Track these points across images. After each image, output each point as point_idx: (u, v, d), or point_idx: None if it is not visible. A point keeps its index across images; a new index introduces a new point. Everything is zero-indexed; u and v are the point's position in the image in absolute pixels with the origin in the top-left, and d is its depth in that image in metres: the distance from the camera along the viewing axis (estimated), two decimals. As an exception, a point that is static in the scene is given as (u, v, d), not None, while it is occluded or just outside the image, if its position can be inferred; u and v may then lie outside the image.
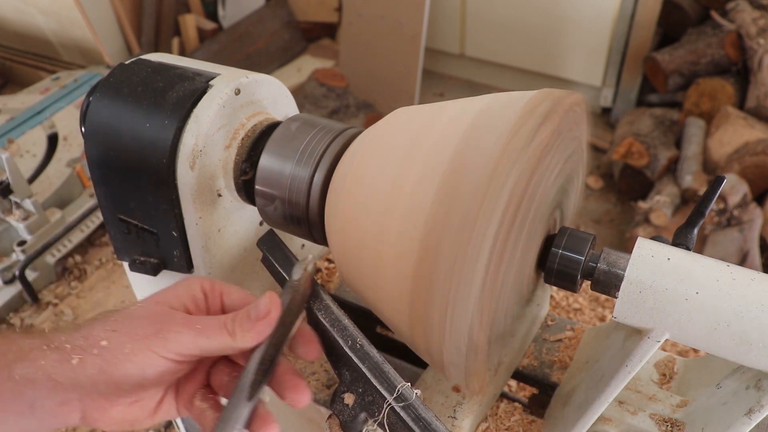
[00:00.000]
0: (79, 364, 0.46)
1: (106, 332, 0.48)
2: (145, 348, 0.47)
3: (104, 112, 0.61)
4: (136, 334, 0.47)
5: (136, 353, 0.47)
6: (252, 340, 0.49)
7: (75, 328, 0.49)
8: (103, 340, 0.47)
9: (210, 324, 0.49)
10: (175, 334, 0.48)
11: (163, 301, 0.51)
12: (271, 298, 0.50)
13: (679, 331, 0.46)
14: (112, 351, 0.47)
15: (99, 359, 0.46)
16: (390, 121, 0.56)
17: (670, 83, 2.52)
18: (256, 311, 0.50)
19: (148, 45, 3.00)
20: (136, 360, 0.47)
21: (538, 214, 0.50)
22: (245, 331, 0.49)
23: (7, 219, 1.88)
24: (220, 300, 0.54)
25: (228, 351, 0.50)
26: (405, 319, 0.52)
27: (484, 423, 0.67)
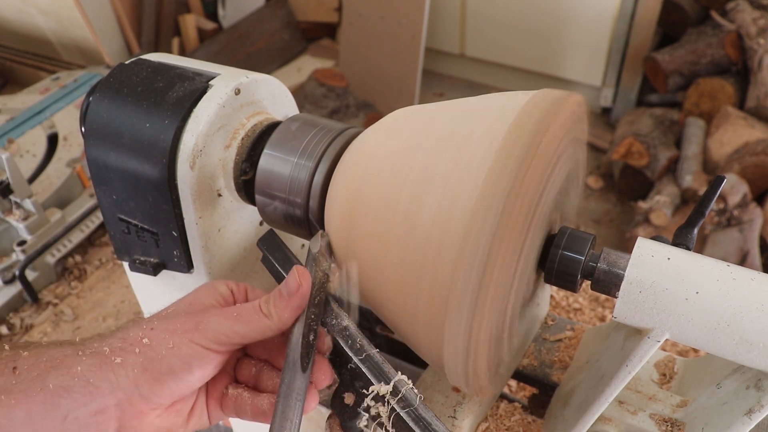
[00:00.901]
0: (121, 365, 0.45)
1: (145, 331, 0.47)
2: (188, 341, 0.47)
3: (104, 112, 0.61)
4: (175, 329, 0.47)
5: (179, 347, 0.46)
6: (290, 317, 0.50)
7: (108, 334, 0.48)
8: (144, 339, 0.47)
9: (245, 309, 0.50)
10: (214, 324, 0.48)
11: (195, 301, 0.52)
12: (299, 271, 0.51)
13: (679, 331, 0.46)
14: (154, 348, 0.46)
15: (141, 357, 0.46)
16: (390, 120, 0.56)
17: (670, 83, 2.52)
18: (287, 288, 0.50)
19: (148, 45, 3.00)
20: (180, 354, 0.46)
21: (539, 215, 0.50)
22: (281, 309, 0.50)
23: (7, 219, 1.88)
24: (245, 295, 0.55)
25: (268, 333, 0.50)
26: (405, 318, 0.52)
27: (484, 423, 0.67)
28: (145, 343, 0.46)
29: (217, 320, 0.48)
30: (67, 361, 0.44)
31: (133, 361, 0.45)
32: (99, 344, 0.47)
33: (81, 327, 1.91)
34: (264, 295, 0.53)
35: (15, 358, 0.44)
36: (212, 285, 0.54)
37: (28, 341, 0.48)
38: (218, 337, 0.48)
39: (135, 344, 0.46)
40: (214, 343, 0.48)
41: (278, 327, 0.50)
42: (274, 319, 0.50)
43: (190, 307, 0.51)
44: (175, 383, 0.46)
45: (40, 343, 0.47)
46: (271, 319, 0.49)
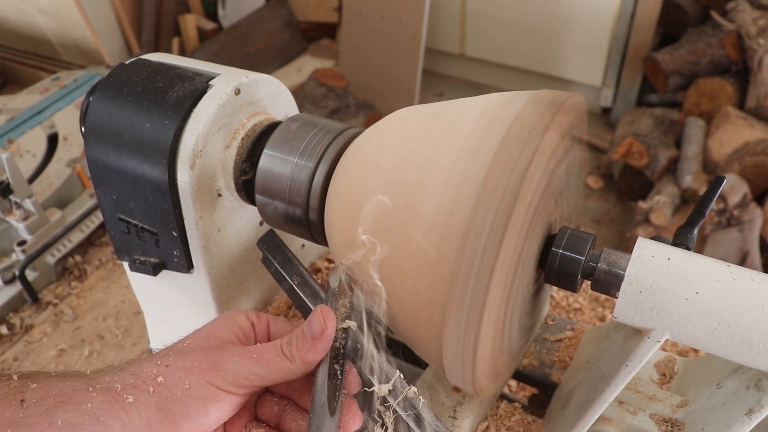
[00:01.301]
0: (134, 404, 0.42)
1: (159, 368, 0.45)
2: (205, 382, 0.44)
3: (104, 112, 0.61)
4: (192, 368, 0.45)
5: (196, 388, 0.44)
6: (314, 361, 0.47)
7: (120, 367, 0.46)
8: (159, 377, 0.44)
9: (266, 350, 0.47)
10: (233, 365, 0.45)
11: (213, 334, 0.49)
12: (324, 312, 0.48)
13: (679, 331, 0.46)
14: (169, 387, 0.43)
15: (156, 397, 0.43)
16: (390, 121, 0.56)
17: (670, 83, 2.52)
18: (311, 329, 0.47)
19: (148, 45, 3.00)
20: (196, 395, 0.44)
21: (539, 214, 0.50)
22: (305, 352, 0.47)
23: (7, 219, 1.88)
24: (266, 329, 0.52)
25: (290, 376, 0.47)
26: (405, 318, 0.52)
27: (483, 423, 0.67)
28: (159, 381, 0.44)
29: (236, 361, 0.46)
30: (77, 397, 0.42)
31: (146, 401, 0.43)
32: (110, 379, 0.44)
33: (81, 327, 1.91)
34: (288, 330, 0.50)
35: (23, 390, 0.42)
36: (231, 316, 0.51)
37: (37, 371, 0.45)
38: (237, 379, 0.45)
39: (148, 382, 0.44)
40: (232, 385, 0.45)
41: (301, 370, 0.47)
42: (297, 363, 0.47)
43: (207, 341, 0.48)
44: (190, 425, 0.44)
45: (50, 374, 0.45)
46: (293, 363, 0.47)
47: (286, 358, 0.47)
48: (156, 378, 0.44)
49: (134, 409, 0.42)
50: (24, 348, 1.84)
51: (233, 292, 0.71)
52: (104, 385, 0.44)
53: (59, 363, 1.80)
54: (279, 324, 0.53)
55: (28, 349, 1.84)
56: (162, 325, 0.80)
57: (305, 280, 0.57)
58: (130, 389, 0.43)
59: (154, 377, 0.44)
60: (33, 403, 0.41)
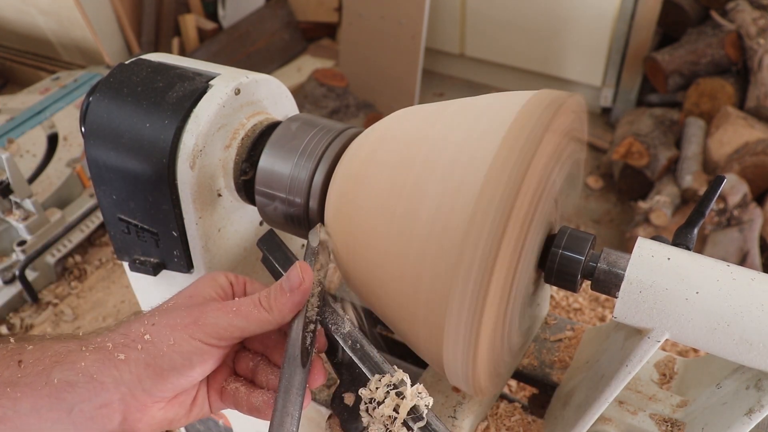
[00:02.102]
0: (124, 361, 0.46)
1: (146, 327, 0.48)
2: (188, 336, 0.47)
3: (104, 112, 0.61)
4: (176, 324, 0.48)
5: (180, 343, 0.47)
6: (290, 312, 0.50)
7: (110, 328, 0.49)
8: (146, 335, 0.47)
9: (244, 303, 0.50)
10: (213, 319, 0.48)
11: (195, 293, 0.52)
12: (302, 266, 0.51)
13: (679, 331, 0.46)
14: (156, 344, 0.47)
15: (144, 354, 0.46)
16: (390, 121, 0.56)
17: (670, 83, 2.52)
18: (289, 283, 0.50)
19: (148, 45, 3.00)
20: (180, 350, 0.47)
21: (539, 214, 0.50)
22: (282, 304, 0.50)
23: (7, 219, 1.88)
24: (244, 288, 0.55)
25: (267, 327, 0.50)
26: (405, 318, 0.52)
27: (483, 423, 0.67)
28: (146, 339, 0.47)
29: (216, 314, 0.49)
30: (71, 357, 0.45)
31: (136, 357, 0.46)
32: (102, 339, 0.47)
33: (81, 327, 1.91)
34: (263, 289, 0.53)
35: (20, 352, 0.45)
36: (212, 277, 0.54)
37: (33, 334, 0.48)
38: (218, 331, 0.48)
39: (137, 340, 0.47)
40: (213, 338, 0.48)
41: (278, 321, 0.50)
42: (274, 314, 0.50)
43: (190, 300, 0.51)
44: (177, 378, 0.47)
45: (45, 337, 0.48)
46: (271, 314, 0.50)
47: (263, 309, 0.50)
48: (143, 336, 0.47)
49: (125, 365, 0.46)
50: (24, 348, 1.84)
51: (233, 292, 0.72)
52: (96, 345, 0.47)
53: (59, 363, 1.80)
54: (255, 284, 0.56)
55: (28, 349, 1.84)
56: (162, 325, 0.80)
57: (305, 280, 0.57)
58: (121, 347, 0.46)
59: (142, 335, 0.47)
60: (30, 363, 0.44)
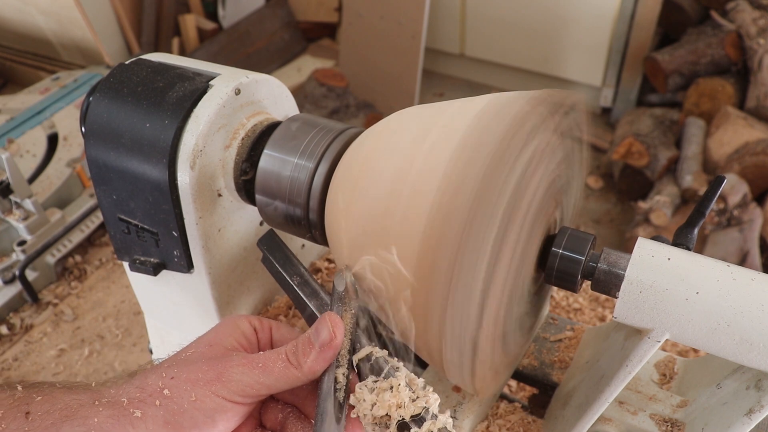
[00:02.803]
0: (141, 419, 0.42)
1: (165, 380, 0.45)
2: (211, 393, 0.44)
3: (104, 112, 0.61)
4: (198, 379, 0.44)
5: (202, 400, 0.44)
6: (320, 368, 0.47)
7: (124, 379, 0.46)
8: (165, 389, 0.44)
9: (271, 359, 0.46)
10: (238, 375, 0.45)
11: (216, 342, 0.49)
12: (332, 319, 0.47)
13: (679, 331, 0.46)
14: (176, 400, 0.44)
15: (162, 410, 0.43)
16: (390, 121, 0.56)
17: (670, 83, 2.51)
18: (318, 337, 0.47)
19: (148, 45, 3.00)
20: (203, 407, 0.44)
21: (539, 214, 0.50)
22: (312, 360, 0.46)
23: (7, 219, 1.88)
24: (269, 335, 0.52)
25: (296, 384, 0.47)
26: (405, 318, 0.52)
27: (483, 423, 0.67)
28: (165, 394, 0.44)
29: (241, 370, 0.45)
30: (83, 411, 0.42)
31: (153, 414, 0.43)
32: (116, 392, 0.44)
33: (81, 327, 1.91)
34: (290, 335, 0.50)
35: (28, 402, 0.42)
36: (234, 322, 0.51)
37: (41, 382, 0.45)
38: (243, 389, 0.45)
39: (154, 395, 0.44)
40: (238, 395, 0.45)
41: (308, 378, 0.47)
42: (303, 371, 0.46)
43: (211, 350, 0.48)
44: None
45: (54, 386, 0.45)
46: (299, 371, 0.46)
47: (291, 365, 0.46)
48: (162, 391, 0.44)
49: (141, 423, 0.42)
50: (24, 348, 1.84)
51: (233, 292, 0.71)
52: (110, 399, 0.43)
53: (59, 363, 1.80)
54: (282, 329, 0.52)
55: (28, 349, 1.84)
56: (162, 325, 0.80)
57: (305, 280, 0.57)
58: (137, 403, 0.43)
59: (160, 390, 0.44)
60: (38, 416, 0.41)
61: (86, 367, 1.79)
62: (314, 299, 0.55)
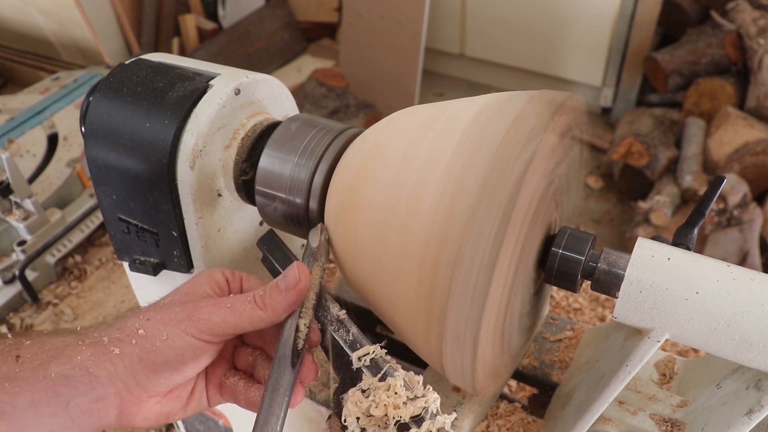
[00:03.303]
0: (119, 356, 0.46)
1: (141, 322, 0.48)
2: (181, 332, 0.48)
3: (104, 112, 0.61)
4: (169, 320, 0.48)
5: (173, 338, 0.47)
6: (284, 311, 0.50)
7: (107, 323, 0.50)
8: (140, 329, 0.48)
9: (239, 301, 0.50)
10: (206, 315, 0.49)
11: (191, 290, 0.52)
12: (300, 267, 0.51)
13: (679, 331, 0.46)
14: (149, 339, 0.47)
15: (138, 348, 0.47)
16: (390, 121, 0.56)
17: (670, 83, 2.51)
18: (285, 282, 0.51)
19: (148, 45, 3.00)
20: (173, 345, 0.47)
21: (539, 214, 0.50)
22: (276, 303, 0.50)
23: (7, 219, 1.88)
24: (240, 285, 0.55)
25: (260, 325, 0.50)
26: (405, 318, 0.52)
27: (483, 423, 0.67)
28: (140, 334, 0.48)
29: (209, 310, 0.49)
30: (68, 351, 0.46)
31: (130, 352, 0.47)
32: (98, 334, 0.48)
33: (81, 327, 1.91)
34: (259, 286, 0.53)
35: (18, 347, 0.46)
36: (209, 273, 0.55)
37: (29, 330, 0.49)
38: (210, 327, 0.48)
39: (131, 335, 0.48)
40: (205, 333, 0.48)
41: (271, 320, 0.50)
42: (268, 312, 0.50)
43: (186, 297, 0.52)
44: (170, 373, 0.48)
45: (42, 332, 0.48)
46: (264, 312, 0.50)
47: (257, 307, 0.50)
48: (138, 331, 0.48)
49: (119, 360, 0.46)
50: (24, 348, 1.84)
51: (233, 292, 0.72)
52: (93, 339, 0.47)
53: (59, 363, 1.80)
54: (252, 280, 0.56)
55: (28, 349, 1.84)
56: (162, 325, 0.80)
57: (305, 280, 0.57)
58: (116, 342, 0.47)
59: (136, 330, 0.48)
60: (27, 358, 0.45)
61: (86, 367, 1.79)
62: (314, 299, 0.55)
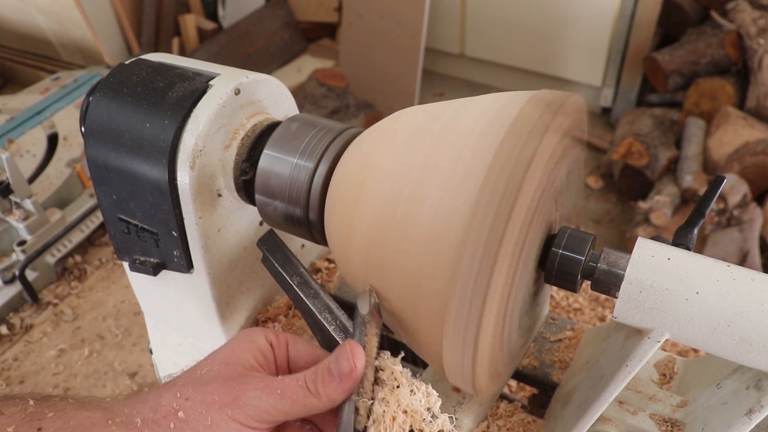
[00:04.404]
0: None
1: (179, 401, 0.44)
2: (228, 418, 0.43)
3: (104, 112, 0.61)
4: (213, 402, 0.44)
5: (218, 424, 0.43)
6: (340, 398, 0.46)
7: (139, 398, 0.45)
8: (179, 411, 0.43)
9: (290, 386, 0.46)
10: (255, 400, 0.44)
11: (232, 360, 0.47)
12: (353, 349, 0.46)
13: (679, 331, 0.46)
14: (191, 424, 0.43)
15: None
16: (390, 121, 0.56)
17: (670, 83, 2.51)
18: (338, 367, 0.46)
19: (148, 45, 3.00)
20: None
21: (539, 214, 0.50)
22: (331, 390, 0.45)
23: (7, 219, 1.88)
24: (286, 351, 0.51)
25: (313, 412, 0.46)
26: (405, 319, 0.52)
27: (483, 423, 0.67)
28: (180, 417, 0.43)
29: (258, 395, 0.44)
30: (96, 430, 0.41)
31: None
32: (129, 411, 0.44)
33: (81, 327, 1.91)
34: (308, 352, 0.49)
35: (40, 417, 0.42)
36: (250, 337, 0.49)
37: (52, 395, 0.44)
38: (260, 414, 0.44)
39: (168, 417, 0.43)
40: (254, 420, 0.44)
41: (326, 407, 0.46)
42: (322, 400, 0.45)
43: (227, 369, 0.47)
44: None
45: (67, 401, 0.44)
46: (318, 399, 0.45)
47: (311, 394, 0.45)
48: (176, 413, 0.43)
49: None
50: (24, 348, 1.84)
51: (233, 292, 0.71)
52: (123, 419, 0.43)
53: (59, 363, 1.80)
54: (299, 345, 0.51)
55: (28, 349, 1.84)
56: (162, 325, 0.80)
57: (305, 280, 0.57)
58: (150, 424, 0.42)
59: (175, 411, 0.43)
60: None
61: (86, 367, 1.79)
62: (314, 300, 0.55)
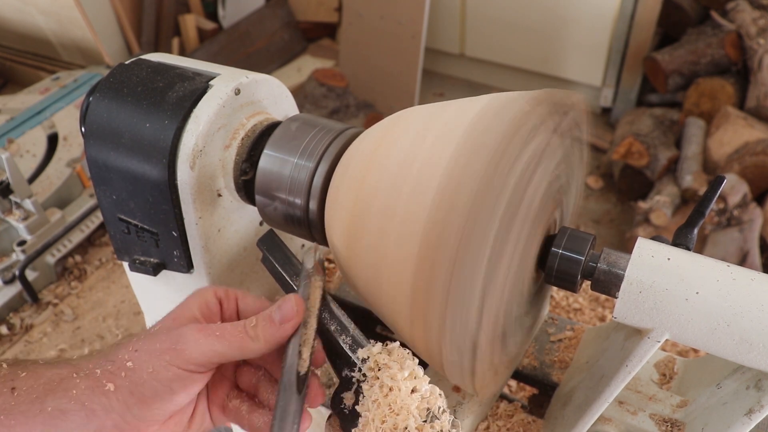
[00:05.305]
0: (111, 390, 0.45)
1: (130, 353, 0.47)
2: (166, 363, 0.47)
3: (104, 112, 0.61)
4: (155, 350, 0.47)
5: (158, 371, 0.46)
6: (277, 344, 0.49)
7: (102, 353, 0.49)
8: (128, 362, 0.47)
9: (229, 329, 0.49)
10: (192, 344, 0.47)
11: (179, 315, 0.51)
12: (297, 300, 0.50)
13: (679, 331, 0.46)
14: (137, 372, 0.46)
15: (127, 381, 0.46)
16: (390, 121, 0.56)
17: (670, 83, 2.51)
18: (280, 314, 0.49)
19: (148, 45, 3.00)
20: (159, 377, 0.46)
21: (538, 214, 0.50)
22: (269, 335, 0.49)
23: (7, 219, 1.88)
24: (236, 305, 0.54)
25: (251, 355, 0.49)
26: (405, 319, 0.52)
27: (483, 423, 0.67)
28: (129, 366, 0.47)
29: (195, 339, 0.48)
30: (64, 384, 0.45)
31: (121, 385, 0.46)
32: (93, 365, 0.47)
33: (81, 327, 1.91)
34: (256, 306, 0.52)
35: (13, 378, 0.45)
36: (200, 292, 0.53)
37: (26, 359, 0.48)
38: (196, 357, 0.47)
39: (121, 368, 0.47)
40: (191, 364, 0.47)
41: (264, 351, 0.49)
42: (260, 343, 0.49)
43: (174, 322, 0.50)
44: (161, 404, 0.47)
45: (38, 363, 0.47)
46: (256, 343, 0.49)
47: (249, 338, 0.49)
48: (126, 363, 0.47)
49: (112, 393, 0.46)
50: (24, 348, 1.84)
51: (233, 292, 0.72)
52: (87, 372, 0.46)
53: (59, 363, 1.80)
54: (248, 299, 0.54)
55: (28, 349, 1.84)
56: (162, 325, 0.80)
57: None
58: (108, 375, 0.46)
59: (125, 362, 0.47)
60: (23, 391, 0.44)
61: (86, 367, 1.79)
62: None
